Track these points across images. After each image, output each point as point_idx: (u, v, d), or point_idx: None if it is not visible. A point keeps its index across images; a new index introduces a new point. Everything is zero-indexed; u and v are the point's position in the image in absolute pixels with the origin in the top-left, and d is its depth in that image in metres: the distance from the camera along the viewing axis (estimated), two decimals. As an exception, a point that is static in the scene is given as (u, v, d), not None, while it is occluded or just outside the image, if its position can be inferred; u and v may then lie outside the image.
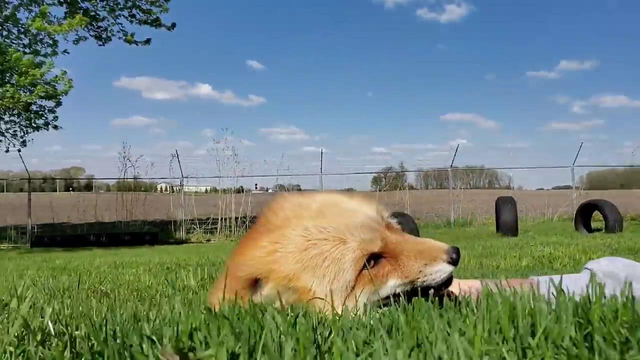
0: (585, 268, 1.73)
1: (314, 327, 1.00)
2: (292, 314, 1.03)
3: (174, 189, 21.29)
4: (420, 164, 28.62)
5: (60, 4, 16.15)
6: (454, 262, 1.44)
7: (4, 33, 15.00)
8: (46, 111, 15.53)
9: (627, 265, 1.68)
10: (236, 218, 17.32)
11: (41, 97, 14.47)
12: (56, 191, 33.06)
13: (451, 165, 18.67)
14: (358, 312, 1.36)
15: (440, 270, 1.44)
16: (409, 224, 10.87)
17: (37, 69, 13.95)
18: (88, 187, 31.71)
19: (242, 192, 19.73)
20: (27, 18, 15.06)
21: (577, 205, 13.23)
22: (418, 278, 1.44)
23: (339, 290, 1.41)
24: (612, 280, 1.64)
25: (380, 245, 1.46)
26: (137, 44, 17.19)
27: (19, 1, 15.15)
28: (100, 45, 17.29)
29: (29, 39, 15.21)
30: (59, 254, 9.58)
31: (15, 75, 13.99)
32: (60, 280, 3.17)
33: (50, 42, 15.13)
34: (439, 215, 18.90)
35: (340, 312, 1.34)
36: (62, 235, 16.11)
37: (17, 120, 15.40)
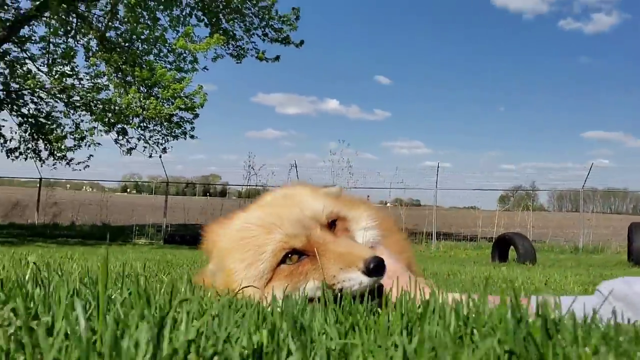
0: (597, 290, 1.53)
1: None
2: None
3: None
4: (554, 184, 26.55)
5: (206, 25, 17.86)
6: (369, 272, 1.33)
7: (154, 51, 16.87)
8: (185, 122, 17.16)
9: None
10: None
11: (180, 109, 16.02)
12: (195, 195, 36.11)
13: (583, 186, 17.05)
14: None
15: (353, 279, 1.34)
16: (523, 244, 10.20)
17: (177, 84, 15.50)
18: (222, 193, 34.19)
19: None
20: (174, 38, 16.79)
21: None
22: (333, 283, 1.36)
23: (255, 278, 1.40)
24: (623, 304, 1.44)
25: (303, 242, 1.41)
26: (267, 61, 18.35)
27: (169, 23, 17.03)
28: (237, 63, 18.77)
29: (175, 57, 16.93)
30: (181, 251, 10.48)
31: (159, 89, 15.70)
32: (132, 268, 3.55)
33: (192, 59, 16.69)
34: (567, 240, 17.36)
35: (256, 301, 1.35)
36: (191, 234, 17.59)
37: (159, 130, 17.23)
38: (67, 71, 16.87)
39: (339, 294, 1.32)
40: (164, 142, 17.44)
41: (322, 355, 0.86)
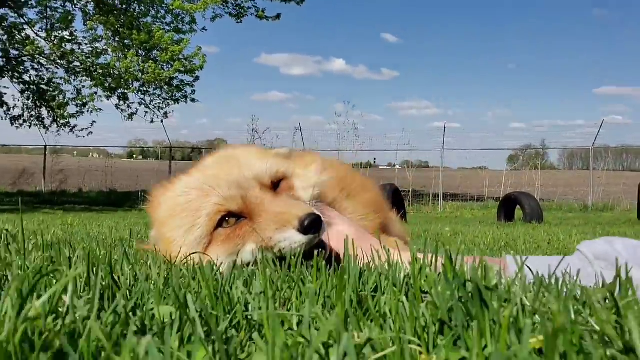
0: (578, 249, 1.41)
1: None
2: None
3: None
4: (565, 142, 25.99)
5: (202, -19, 17.33)
6: (304, 230, 1.26)
7: (152, 13, 16.49)
8: (185, 85, 16.92)
9: (628, 247, 1.33)
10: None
11: (179, 72, 15.76)
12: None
13: (593, 144, 16.69)
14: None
15: (289, 238, 1.27)
16: (530, 203, 10.05)
17: (176, 46, 15.20)
18: (229, 158, 33.95)
19: (368, 167, 19.78)
20: (172, -1, 16.36)
21: None
22: (271, 245, 1.29)
23: (193, 245, 1.33)
24: (605, 263, 1.32)
25: (239, 204, 1.33)
26: (267, 20, 17.84)
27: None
28: (237, 22, 18.28)
29: (172, 18, 16.55)
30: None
31: (158, 52, 15.41)
32: (118, 232, 3.50)
33: (190, 20, 16.31)
34: (577, 199, 17.14)
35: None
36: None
37: (160, 94, 17.01)
38: (66, 36, 16.61)
39: (280, 255, 1.27)
40: (164, 106, 17.26)
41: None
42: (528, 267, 1.21)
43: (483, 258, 1.11)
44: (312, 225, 1.27)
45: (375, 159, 22.03)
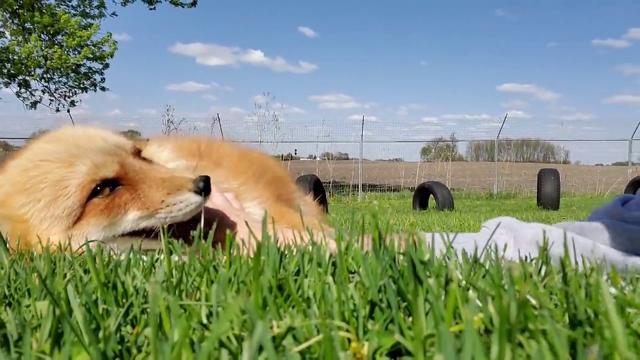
0: (484, 226, 1.46)
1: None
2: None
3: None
4: (473, 135, 27.35)
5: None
6: (200, 191, 1.28)
7: (55, -5, 15.33)
8: (94, 73, 15.92)
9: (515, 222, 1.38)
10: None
11: (88, 59, 14.81)
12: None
13: (497, 137, 17.70)
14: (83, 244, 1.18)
15: (186, 199, 1.27)
16: (442, 192, 10.44)
17: (84, 31, 14.26)
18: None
19: (289, 158, 19.69)
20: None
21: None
22: (161, 209, 1.26)
23: (60, 218, 1.22)
24: (506, 230, 1.36)
25: (116, 171, 1.26)
26: (183, 7, 17.16)
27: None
28: (150, 9, 17.41)
29: (79, 1, 15.51)
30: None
31: (63, 37, 14.37)
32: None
33: (98, 3, 15.37)
34: (483, 188, 18.15)
35: (59, 242, 1.17)
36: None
37: (66, 81, 15.88)
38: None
39: (166, 224, 1.23)
40: (71, 94, 16.13)
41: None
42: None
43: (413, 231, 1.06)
44: (207, 188, 1.29)
45: (296, 150, 21.97)
